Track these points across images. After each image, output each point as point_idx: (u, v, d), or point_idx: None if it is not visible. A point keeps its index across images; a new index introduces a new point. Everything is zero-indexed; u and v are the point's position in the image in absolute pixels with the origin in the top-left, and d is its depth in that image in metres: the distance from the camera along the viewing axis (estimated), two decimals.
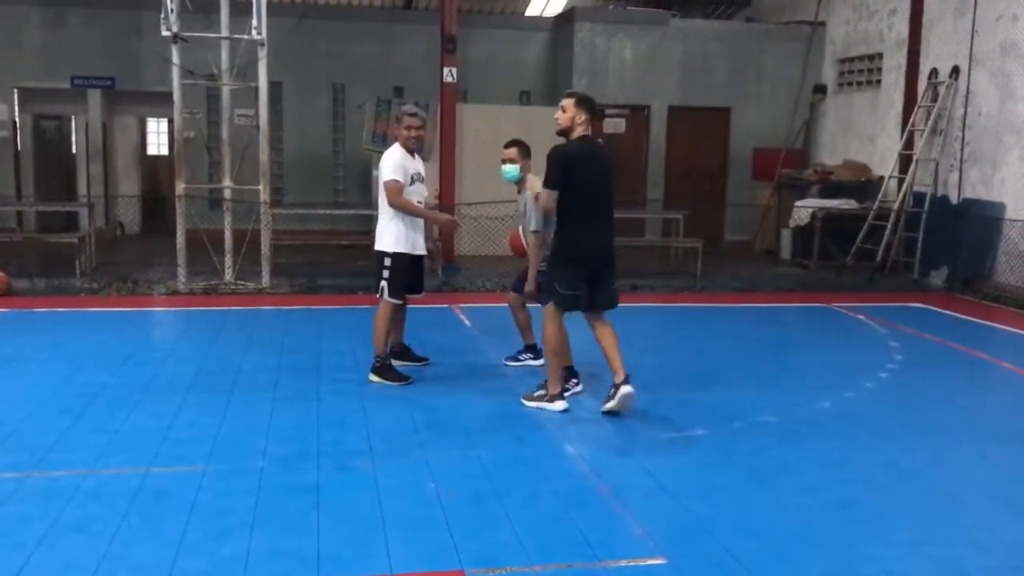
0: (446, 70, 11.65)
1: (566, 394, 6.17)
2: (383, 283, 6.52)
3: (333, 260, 11.96)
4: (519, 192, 6.58)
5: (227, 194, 10.39)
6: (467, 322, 8.91)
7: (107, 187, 14.44)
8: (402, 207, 6.41)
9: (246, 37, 9.93)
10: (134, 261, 11.63)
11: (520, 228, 6.68)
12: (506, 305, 7.00)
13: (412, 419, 5.73)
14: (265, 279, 10.29)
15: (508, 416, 5.95)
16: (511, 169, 6.52)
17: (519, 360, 7.10)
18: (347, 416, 5.77)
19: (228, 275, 10.30)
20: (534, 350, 7.05)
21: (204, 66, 10.46)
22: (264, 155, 10.34)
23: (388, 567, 3.77)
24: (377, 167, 7.55)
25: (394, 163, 6.45)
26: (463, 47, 11.92)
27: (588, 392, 6.31)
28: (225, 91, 10.36)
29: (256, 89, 10.19)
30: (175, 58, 9.89)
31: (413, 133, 6.55)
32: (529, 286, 6.37)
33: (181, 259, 10.10)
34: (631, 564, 3.85)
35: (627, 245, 9.92)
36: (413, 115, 6.58)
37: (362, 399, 6.13)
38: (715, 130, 14.90)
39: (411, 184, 6.51)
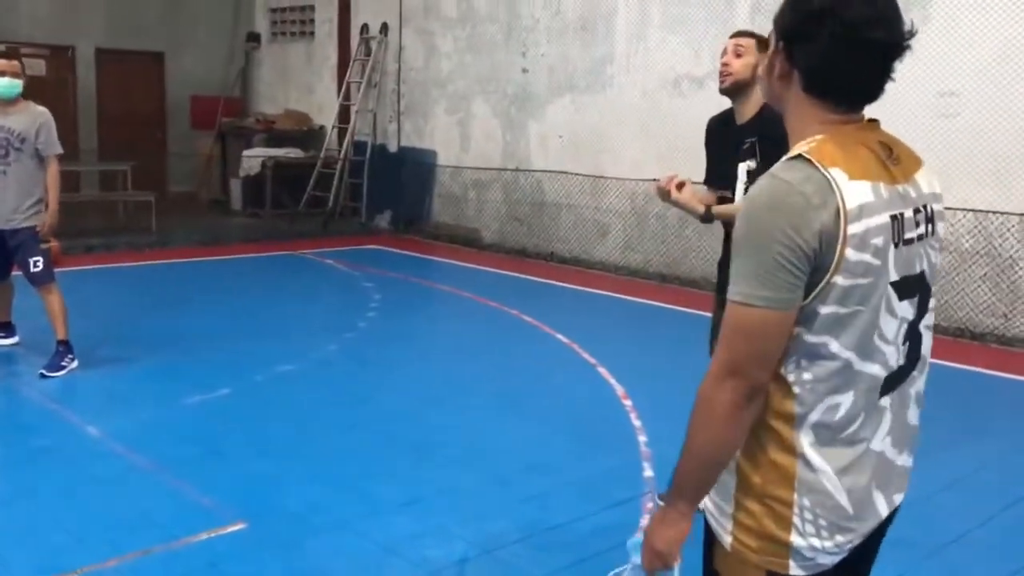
0: None
1: (62, 372, 5.56)
2: None
3: None
4: (8, 111, 5.51)
5: None
6: None
7: None
8: None
9: None
10: None
11: None
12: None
13: None
14: None
15: None
16: (14, 84, 5.48)
17: None
18: None
19: None
20: (7, 328, 6.14)
21: None
22: None
23: None
24: None
25: None
26: None
27: (82, 366, 5.72)
28: None
29: None
30: None
31: None
32: (52, 218, 5.63)
33: None
34: (211, 536, 3.65)
35: (67, 202, 8.81)
36: None
37: None
38: (149, 76, 14.08)
39: None
